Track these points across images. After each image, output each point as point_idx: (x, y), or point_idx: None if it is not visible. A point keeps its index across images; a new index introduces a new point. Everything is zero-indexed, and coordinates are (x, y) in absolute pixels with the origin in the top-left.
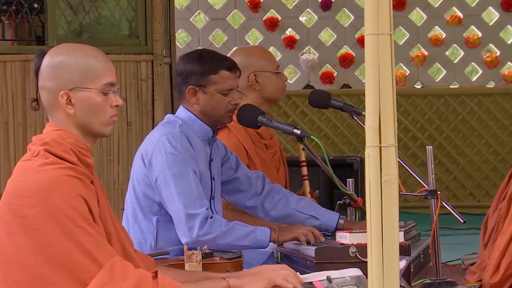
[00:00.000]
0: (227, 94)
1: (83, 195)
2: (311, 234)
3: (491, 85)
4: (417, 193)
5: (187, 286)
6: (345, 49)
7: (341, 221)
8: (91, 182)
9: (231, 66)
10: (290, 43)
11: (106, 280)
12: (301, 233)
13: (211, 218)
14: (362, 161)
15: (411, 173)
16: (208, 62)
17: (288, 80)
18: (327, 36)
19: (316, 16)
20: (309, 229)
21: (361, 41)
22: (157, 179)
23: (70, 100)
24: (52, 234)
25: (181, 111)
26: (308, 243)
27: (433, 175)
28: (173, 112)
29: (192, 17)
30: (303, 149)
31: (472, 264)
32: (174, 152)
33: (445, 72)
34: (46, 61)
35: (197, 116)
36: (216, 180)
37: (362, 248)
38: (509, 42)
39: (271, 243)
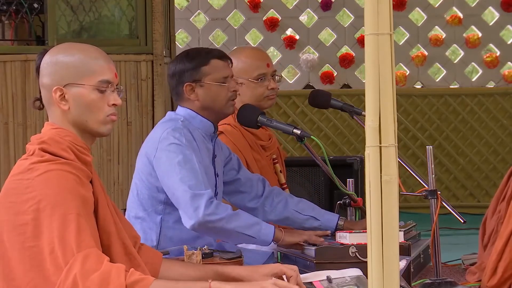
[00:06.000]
0: (224, 82)
1: (76, 189)
2: (316, 237)
3: (491, 85)
4: (417, 193)
5: (161, 283)
6: (345, 49)
7: (341, 222)
8: (91, 181)
9: (221, 55)
10: (290, 43)
11: (75, 267)
12: (310, 235)
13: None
14: (362, 161)
15: (411, 173)
16: (196, 56)
17: (288, 80)
18: (327, 36)
19: (316, 16)
20: (313, 233)
21: (361, 41)
22: (163, 171)
23: (64, 96)
24: (37, 227)
25: (180, 110)
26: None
27: (433, 175)
28: None
29: (192, 17)
30: (280, 171)
31: (472, 264)
32: (178, 142)
33: (445, 72)
34: (46, 58)
35: (197, 113)
36: (220, 177)
37: (362, 248)
38: (509, 42)
39: (273, 243)
